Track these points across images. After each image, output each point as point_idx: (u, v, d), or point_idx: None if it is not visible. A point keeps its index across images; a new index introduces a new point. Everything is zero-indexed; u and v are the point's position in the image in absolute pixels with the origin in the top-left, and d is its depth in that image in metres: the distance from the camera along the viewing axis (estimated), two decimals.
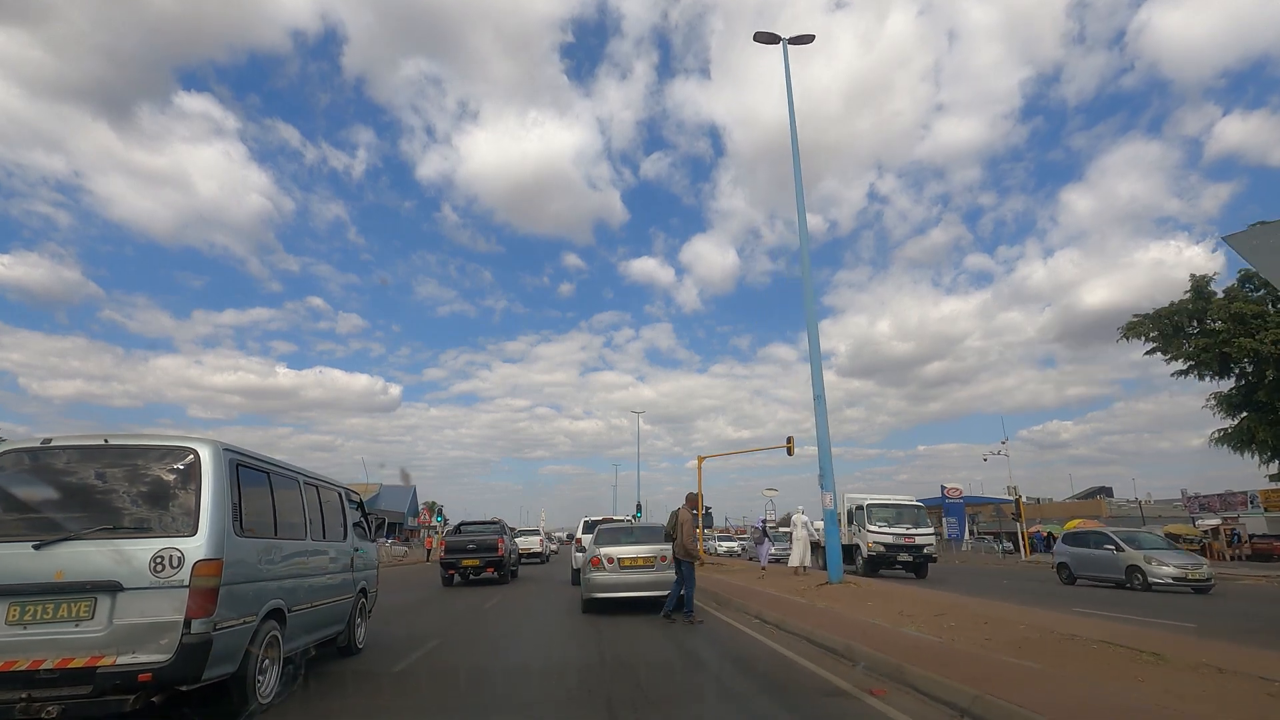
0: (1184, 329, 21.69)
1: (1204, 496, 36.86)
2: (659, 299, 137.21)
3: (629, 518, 27.61)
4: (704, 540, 45.40)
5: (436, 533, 38.31)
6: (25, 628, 3.68)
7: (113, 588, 3.75)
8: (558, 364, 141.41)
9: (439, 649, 7.19)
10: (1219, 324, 20.74)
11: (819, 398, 12.55)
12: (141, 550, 3.84)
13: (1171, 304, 21.97)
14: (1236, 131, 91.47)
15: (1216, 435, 21.87)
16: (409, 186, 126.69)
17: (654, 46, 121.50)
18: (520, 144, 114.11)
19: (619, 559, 9.93)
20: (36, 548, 3.78)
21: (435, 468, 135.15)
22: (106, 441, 4.18)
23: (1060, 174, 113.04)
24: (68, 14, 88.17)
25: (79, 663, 3.64)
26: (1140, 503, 44.30)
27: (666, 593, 9.74)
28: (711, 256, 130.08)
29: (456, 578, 16.69)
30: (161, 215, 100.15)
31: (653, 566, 9.91)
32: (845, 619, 7.93)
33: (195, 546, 3.92)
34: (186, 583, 3.84)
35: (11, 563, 3.74)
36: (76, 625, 3.70)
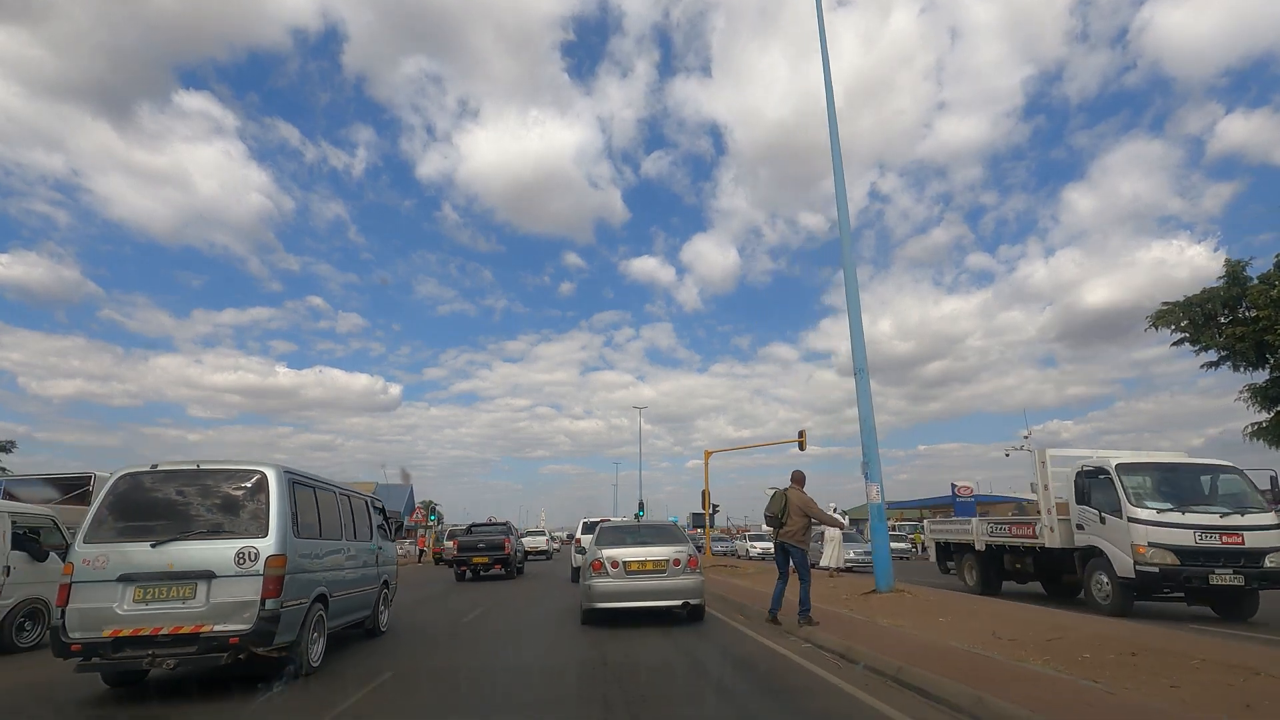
0: (1216, 317, 21.87)
1: None
2: (659, 298, 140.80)
3: (632, 517, 29.27)
4: (719, 541, 44.27)
5: (429, 531, 39.46)
6: (147, 604, 5.28)
7: (209, 575, 5.33)
8: (558, 363, 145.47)
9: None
10: (1255, 312, 20.94)
11: (861, 371, 11.36)
12: (228, 548, 5.40)
13: (1204, 290, 22.08)
14: (1239, 130, 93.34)
15: (1250, 429, 22.15)
16: (409, 185, 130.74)
17: (655, 44, 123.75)
18: (521, 143, 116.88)
19: (625, 563, 8.98)
20: (153, 546, 5.36)
21: (435, 467, 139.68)
22: (199, 466, 5.77)
23: (1062, 173, 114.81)
24: (68, 12, 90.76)
25: (187, 629, 5.22)
26: None
27: (679, 602, 9.12)
28: (712, 256, 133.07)
29: (468, 574, 18.97)
30: (161, 214, 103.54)
31: (664, 572, 8.99)
32: (931, 646, 6.26)
33: (267, 545, 5.47)
34: (261, 572, 5.39)
35: (136, 557, 5.34)
36: (184, 602, 5.29)
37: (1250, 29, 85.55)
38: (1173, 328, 22.36)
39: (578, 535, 17.73)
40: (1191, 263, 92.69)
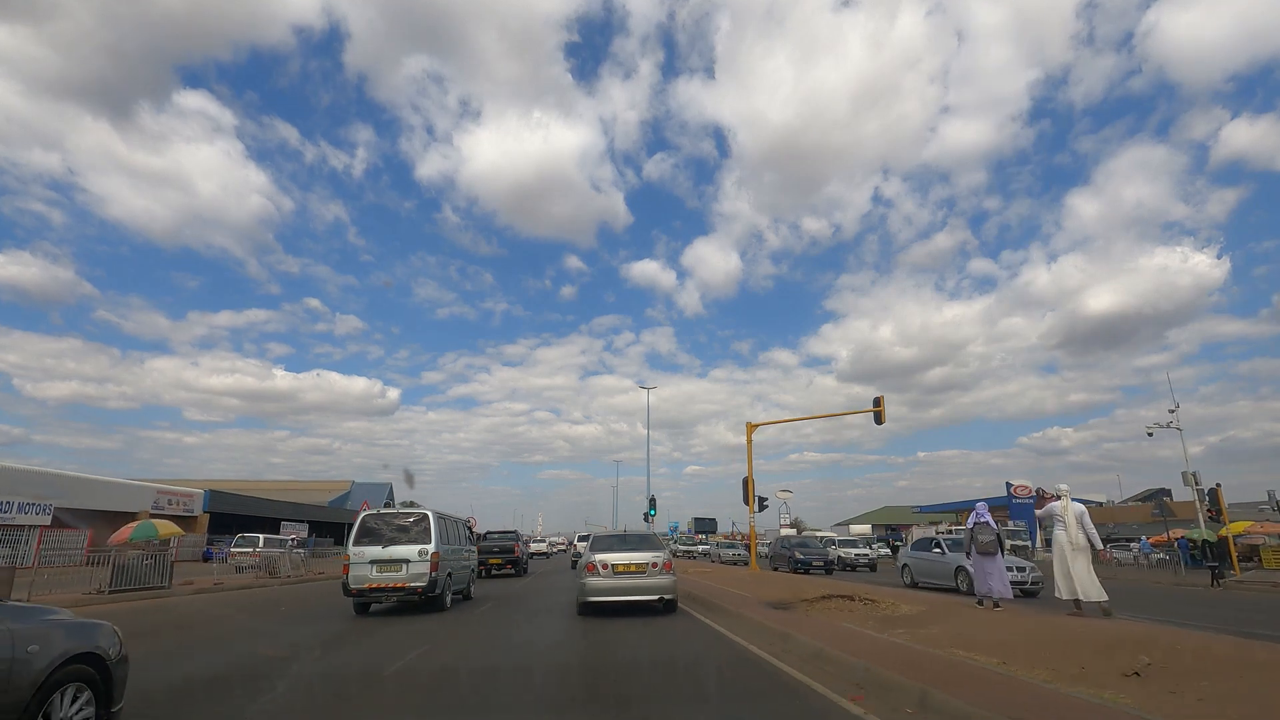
0: None
1: None
2: (660, 302, 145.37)
3: (617, 526, 33.83)
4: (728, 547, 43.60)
5: None
6: (381, 574, 12.14)
7: (407, 561, 12.17)
8: (557, 367, 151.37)
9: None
10: None
11: None
12: (416, 548, 12.26)
13: None
14: (1244, 136, 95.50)
15: None
16: (409, 187, 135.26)
17: (659, 45, 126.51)
18: (522, 144, 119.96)
19: (613, 565, 11.62)
20: (383, 547, 12.27)
21: (433, 471, 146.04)
22: (397, 510, 12.72)
23: (1066, 178, 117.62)
24: (72, 11, 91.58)
25: (399, 585, 12.07)
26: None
27: (656, 597, 11.55)
28: (714, 260, 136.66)
29: (484, 572, 25.19)
30: (158, 214, 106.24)
31: (644, 573, 11.61)
32: None
33: (431, 547, 12.29)
34: (429, 560, 12.24)
35: (375, 552, 12.19)
36: (397, 573, 12.13)
37: (1257, 34, 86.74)
38: None
39: (574, 543, 25.50)
40: (1194, 270, 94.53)
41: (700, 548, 49.92)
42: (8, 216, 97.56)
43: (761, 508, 24.40)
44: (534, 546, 46.49)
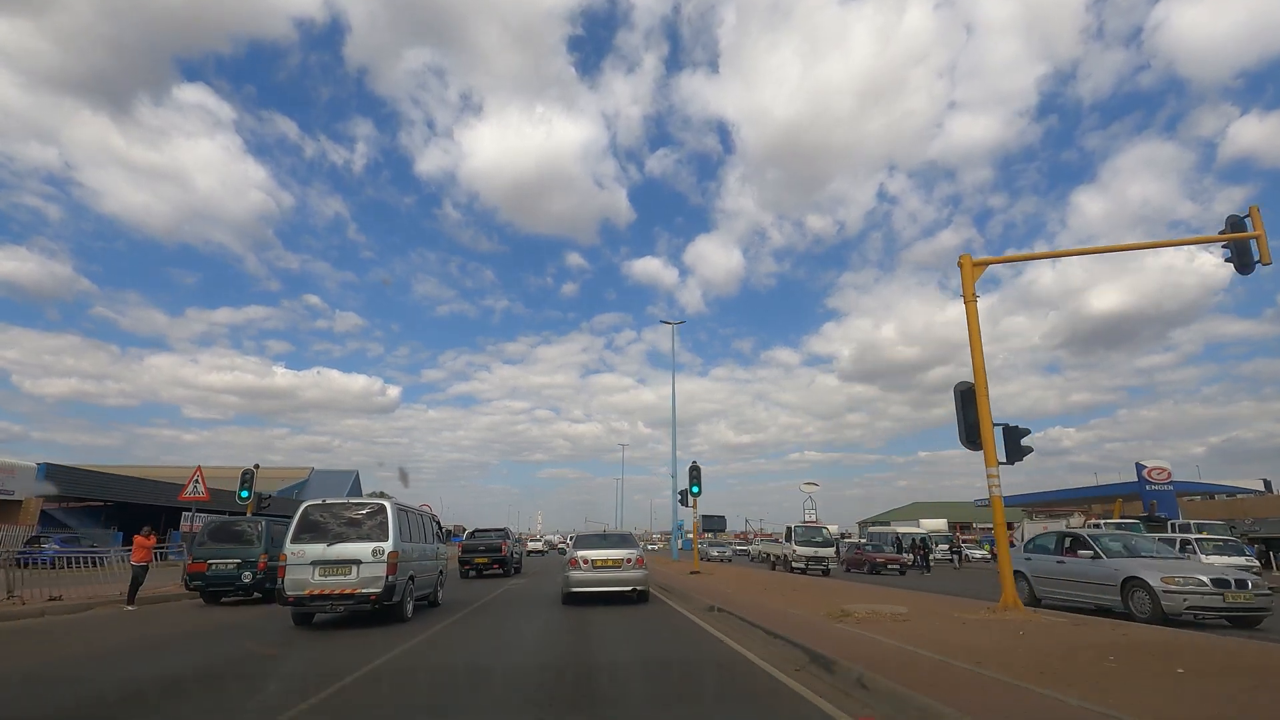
0: None
1: None
2: (661, 300, 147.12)
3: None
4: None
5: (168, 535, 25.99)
6: (326, 577, 10.26)
7: (358, 562, 10.29)
8: (558, 366, 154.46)
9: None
10: None
11: None
12: (369, 546, 10.37)
13: None
14: (1252, 133, 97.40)
15: None
16: (409, 182, 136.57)
17: (663, 38, 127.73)
18: (524, 139, 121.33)
19: (593, 560, 13.13)
20: (328, 545, 10.36)
21: (433, 469, 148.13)
22: (348, 501, 10.79)
23: (1072, 175, 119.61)
24: (71, 4, 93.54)
25: (347, 591, 10.18)
26: None
27: (630, 588, 12.95)
28: (716, 257, 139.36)
29: (471, 572, 24.02)
30: (156, 209, 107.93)
31: (620, 567, 13.13)
32: None
33: (388, 545, 10.42)
34: (385, 560, 10.36)
35: (319, 551, 10.30)
36: (345, 577, 10.25)
37: (1267, 30, 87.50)
38: None
39: (568, 541, 24.12)
40: (1200, 270, 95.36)
41: (827, 550, 28.15)
42: (4, 212, 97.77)
43: (1018, 456, 11.58)
44: (530, 545, 48.37)
